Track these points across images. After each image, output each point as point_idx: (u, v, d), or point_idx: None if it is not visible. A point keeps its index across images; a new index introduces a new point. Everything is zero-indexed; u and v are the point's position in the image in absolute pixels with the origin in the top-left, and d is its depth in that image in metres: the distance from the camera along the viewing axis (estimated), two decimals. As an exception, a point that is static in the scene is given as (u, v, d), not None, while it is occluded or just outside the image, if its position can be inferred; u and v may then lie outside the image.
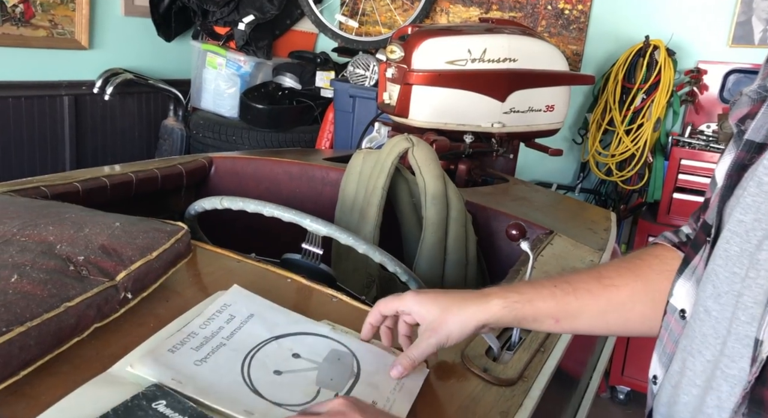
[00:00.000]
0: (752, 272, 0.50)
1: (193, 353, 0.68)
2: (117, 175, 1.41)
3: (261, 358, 0.69)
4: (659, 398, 0.63)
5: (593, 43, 2.60)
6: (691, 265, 0.62)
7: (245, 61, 2.84)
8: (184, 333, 0.70)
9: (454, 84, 1.90)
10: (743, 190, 0.54)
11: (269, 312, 0.78)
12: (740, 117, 0.60)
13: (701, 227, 0.62)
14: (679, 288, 0.63)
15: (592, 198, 2.62)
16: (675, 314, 0.63)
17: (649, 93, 2.31)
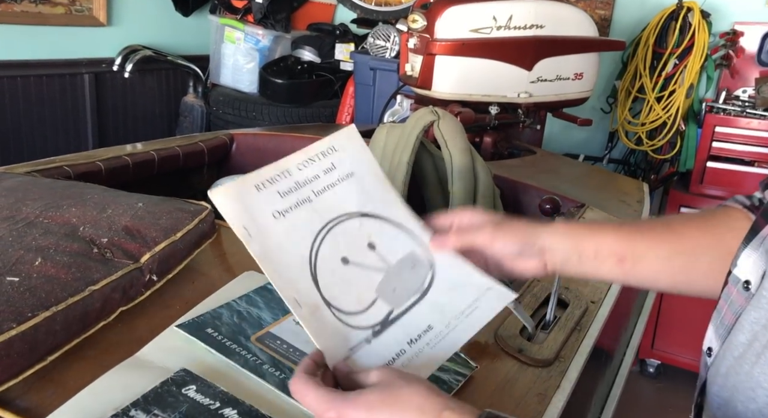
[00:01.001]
0: None
1: (277, 198, 0.59)
2: (139, 154, 1.40)
3: (337, 234, 0.61)
4: (716, 370, 0.60)
5: (622, 7, 2.50)
6: (760, 235, 0.59)
7: (263, 35, 2.79)
8: (278, 168, 0.61)
9: (479, 53, 1.84)
10: None
11: (370, 178, 0.66)
12: None
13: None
14: (745, 258, 0.60)
15: (620, 169, 2.56)
16: (738, 285, 0.60)
17: (682, 58, 2.22)
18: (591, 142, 2.66)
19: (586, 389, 0.95)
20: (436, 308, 0.61)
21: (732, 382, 0.57)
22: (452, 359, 0.73)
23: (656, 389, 2.37)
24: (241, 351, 0.66)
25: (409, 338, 0.59)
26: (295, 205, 0.60)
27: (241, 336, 0.68)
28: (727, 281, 0.62)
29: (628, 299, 1.27)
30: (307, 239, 0.59)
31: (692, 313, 2.09)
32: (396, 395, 0.49)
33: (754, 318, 0.56)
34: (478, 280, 0.65)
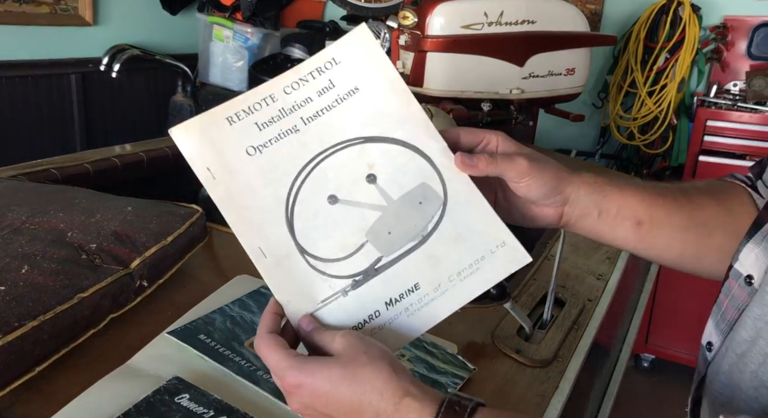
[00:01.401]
0: None
1: (254, 130, 0.51)
2: (128, 155, 1.38)
3: (327, 169, 0.51)
4: (717, 366, 0.59)
5: (613, 2, 2.50)
6: (763, 229, 0.58)
7: (252, 33, 2.76)
8: (259, 94, 0.53)
9: (471, 49, 1.83)
10: None
11: (382, 90, 0.54)
12: None
13: None
14: (747, 253, 0.58)
15: (613, 164, 2.55)
16: (740, 279, 0.58)
17: (673, 52, 2.22)
18: (583, 137, 2.65)
19: (584, 387, 0.95)
20: (431, 262, 0.52)
21: (735, 380, 0.56)
22: (450, 362, 0.72)
23: (651, 383, 2.38)
24: (234, 357, 0.64)
25: (389, 297, 0.51)
26: (277, 138, 0.51)
27: (235, 342, 0.66)
28: (728, 275, 0.61)
29: (624, 296, 1.27)
30: (288, 176, 0.51)
31: (685, 307, 2.10)
32: (358, 374, 0.46)
33: (757, 315, 0.55)
34: (494, 230, 0.54)
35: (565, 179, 0.60)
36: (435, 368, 0.70)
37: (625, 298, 1.32)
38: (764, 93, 2.06)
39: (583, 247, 1.16)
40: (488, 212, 0.54)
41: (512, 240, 0.54)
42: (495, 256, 0.53)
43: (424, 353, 0.72)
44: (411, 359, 0.71)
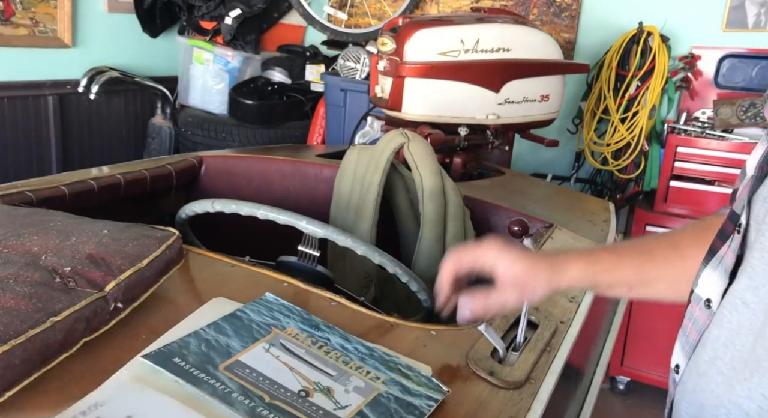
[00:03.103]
0: None
1: None
2: (105, 178, 1.37)
3: None
4: (684, 387, 0.62)
5: (586, 31, 2.57)
6: (717, 255, 0.61)
7: (233, 56, 2.79)
8: None
9: (448, 75, 1.87)
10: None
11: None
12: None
13: (729, 217, 0.62)
14: (705, 278, 0.62)
15: (587, 188, 2.60)
16: (700, 303, 0.62)
17: (644, 80, 2.29)
18: (559, 161, 2.71)
19: (557, 409, 0.96)
20: None
21: (699, 399, 0.59)
22: (424, 384, 0.73)
23: (626, 405, 2.40)
24: (209, 380, 0.64)
25: None
26: None
27: (210, 365, 0.66)
28: (690, 299, 0.64)
29: (597, 318, 1.29)
30: None
31: (660, 330, 2.13)
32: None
33: (715, 336, 0.58)
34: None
35: (557, 278, 0.71)
36: (409, 390, 0.71)
37: (599, 320, 1.33)
38: (731, 121, 2.13)
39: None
40: None
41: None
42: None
43: (399, 375, 0.73)
44: (386, 381, 0.71)
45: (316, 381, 0.68)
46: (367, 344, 0.77)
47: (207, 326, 0.73)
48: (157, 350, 0.66)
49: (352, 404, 0.67)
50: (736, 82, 2.29)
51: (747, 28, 2.26)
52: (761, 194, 0.56)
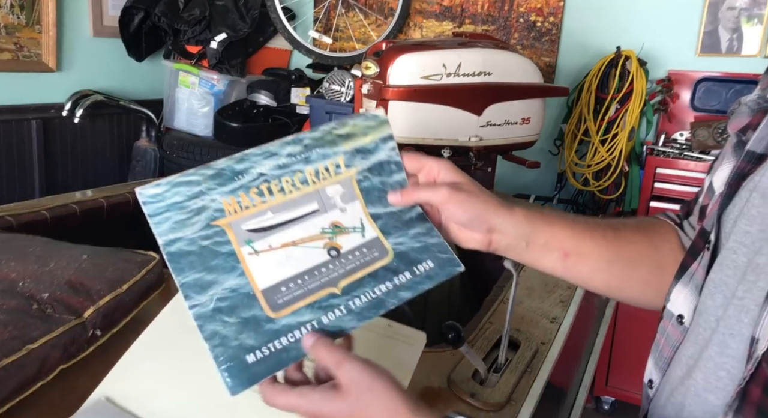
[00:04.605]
0: (752, 275, 0.52)
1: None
2: (87, 202, 1.37)
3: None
4: (657, 402, 0.63)
5: (566, 55, 2.63)
6: (689, 271, 0.63)
7: (218, 80, 2.80)
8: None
9: (431, 99, 1.90)
10: (745, 201, 0.55)
11: None
12: (741, 127, 0.61)
13: (699, 234, 0.63)
14: (677, 294, 0.63)
15: (570, 208, 2.63)
16: (672, 319, 0.63)
17: (623, 103, 2.34)
18: (541, 182, 2.74)
19: (539, 431, 0.96)
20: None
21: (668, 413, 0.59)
22: (367, 130, 0.67)
23: (612, 425, 2.40)
24: (288, 339, 0.57)
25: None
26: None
27: (252, 328, 0.57)
28: (662, 315, 0.65)
29: (579, 338, 1.30)
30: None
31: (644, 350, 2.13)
32: (365, 414, 0.51)
33: (690, 352, 0.58)
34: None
35: (492, 211, 0.64)
36: (365, 149, 0.66)
37: (581, 340, 1.34)
38: (708, 143, 2.18)
39: (537, 290, 1.20)
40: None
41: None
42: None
43: (344, 141, 0.66)
44: (345, 161, 0.65)
45: (320, 230, 0.61)
46: (288, 140, 0.64)
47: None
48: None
49: (359, 213, 0.62)
50: (712, 105, 2.34)
51: (720, 52, 2.32)
52: (731, 213, 0.57)
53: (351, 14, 3.06)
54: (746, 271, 0.52)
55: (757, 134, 0.56)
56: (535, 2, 2.64)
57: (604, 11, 2.51)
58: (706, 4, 2.31)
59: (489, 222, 0.65)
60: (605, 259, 0.70)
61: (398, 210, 0.64)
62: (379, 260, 0.61)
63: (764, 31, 2.23)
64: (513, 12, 2.71)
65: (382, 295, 0.59)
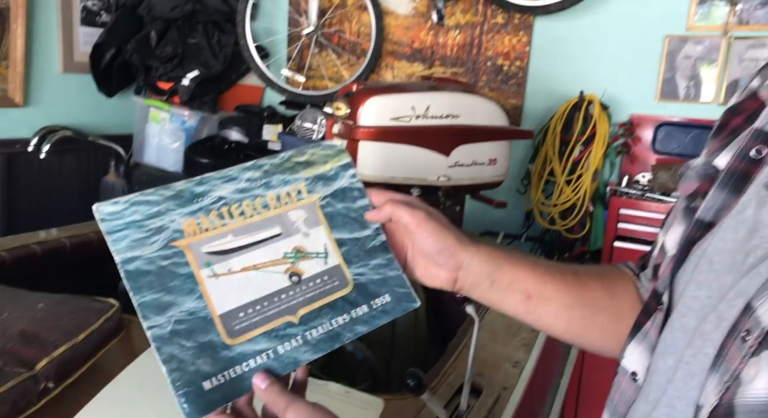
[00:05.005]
0: (699, 341, 0.52)
1: None
2: (49, 242, 1.35)
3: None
4: None
5: (532, 98, 2.71)
6: (642, 330, 0.64)
7: (190, 116, 2.81)
8: None
9: (400, 139, 1.93)
10: (695, 266, 0.57)
11: None
12: (690, 192, 0.63)
13: (652, 294, 0.64)
14: (631, 351, 0.64)
15: (537, 246, 2.67)
16: (626, 375, 0.64)
17: (587, 145, 2.40)
18: (510, 220, 2.78)
19: (502, 478, 0.96)
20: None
21: None
22: (327, 158, 0.68)
23: (581, 466, 2.39)
24: (239, 365, 0.56)
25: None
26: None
27: (211, 355, 0.57)
28: (616, 371, 0.66)
29: (543, 380, 1.31)
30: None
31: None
32: None
33: (643, 411, 0.59)
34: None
35: (460, 246, 0.65)
36: (326, 176, 0.67)
37: (545, 383, 1.35)
38: (668, 185, 2.25)
39: (501, 334, 1.21)
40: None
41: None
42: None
43: (305, 169, 0.67)
44: (307, 186, 0.66)
45: (282, 255, 0.60)
46: (247, 165, 0.63)
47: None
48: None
49: (323, 239, 0.62)
50: (672, 148, 2.43)
51: (678, 98, 2.42)
52: (682, 277, 0.58)
53: (324, 54, 3.11)
54: (694, 336, 0.54)
55: (706, 203, 0.58)
56: (502, 47, 2.73)
57: (567, 57, 2.61)
58: (664, 52, 2.41)
59: (457, 257, 0.65)
60: (566, 303, 0.71)
61: (363, 237, 0.64)
62: (339, 290, 0.61)
63: (719, 79, 2.34)
64: (481, 55, 2.79)
65: (338, 327, 0.59)
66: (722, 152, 0.61)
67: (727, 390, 0.46)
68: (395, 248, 0.67)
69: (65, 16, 2.66)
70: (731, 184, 0.57)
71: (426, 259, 0.67)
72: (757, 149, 0.56)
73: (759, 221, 0.51)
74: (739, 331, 0.47)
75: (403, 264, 0.67)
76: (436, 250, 0.65)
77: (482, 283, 0.68)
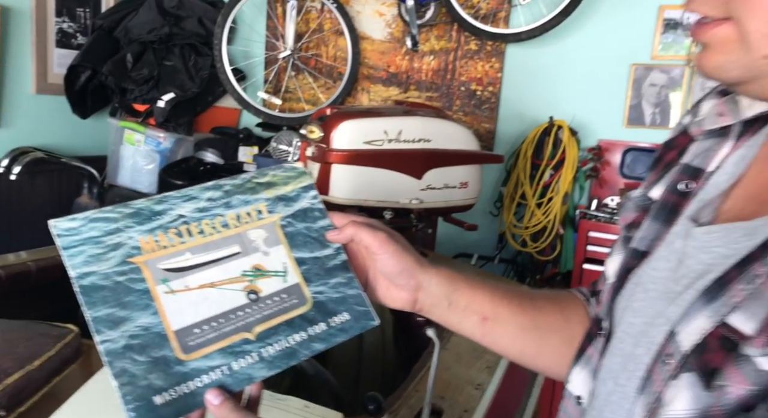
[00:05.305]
0: (631, 365, 0.55)
1: None
2: (14, 266, 1.34)
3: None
4: None
5: (504, 122, 2.76)
6: (586, 355, 0.66)
7: (165, 138, 2.81)
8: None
9: (373, 163, 1.96)
10: (631, 294, 0.59)
11: None
12: (628, 222, 0.66)
13: (594, 320, 0.67)
14: (576, 375, 0.66)
15: (510, 268, 2.70)
16: (571, 399, 0.66)
17: (557, 169, 2.45)
18: (483, 242, 2.81)
19: None
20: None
21: None
22: (288, 180, 0.69)
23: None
24: (194, 380, 0.56)
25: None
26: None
27: (169, 367, 0.57)
28: (563, 394, 0.69)
29: (507, 403, 1.32)
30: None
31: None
32: None
33: None
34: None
35: (420, 267, 0.67)
36: (287, 197, 0.67)
37: (510, 406, 1.36)
38: (635, 207, 2.30)
39: (465, 356, 1.22)
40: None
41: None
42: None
43: (265, 189, 0.67)
44: (268, 206, 0.66)
45: (241, 273, 0.61)
46: (208, 185, 0.65)
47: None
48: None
49: (282, 258, 0.63)
50: (640, 172, 2.49)
51: (645, 125, 2.49)
52: (620, 303, 0.61)
53: (301, 77, 3.15)
54: (628, 360, 0.56)
55: (640, 233, 0.61)
56: (475, 72, 2.79)
57: (538, 83, 2.67)
58: (630, 80, 2.49)
59: (417, 278, 0.67)
60: (520, 326, 0.72)
61: (323, 256, 0.65)
62: (297, 308, 0.62)
63: (683, 106, 2.41)
64: (455, 81, 2.84)
65: (295, 344, 0.60)
66: (657, 185, 0.64)
67: (652, 412, 0.49)
68: (357, 269, 0.69)
69: (39, 38, 2.66)
70: (663, 215, 0.60)
71: (387, 280, 0.69)
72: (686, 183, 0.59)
73: (685, 252, 0.54)
74: (663, 355, 0.50)
75: (365, 285, 0.69)
76: (396, 271, 0.66)
77: (441, 304, 0.70)
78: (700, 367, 0.45)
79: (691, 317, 0.48)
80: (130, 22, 2.76)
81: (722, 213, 0.55)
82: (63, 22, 2.73)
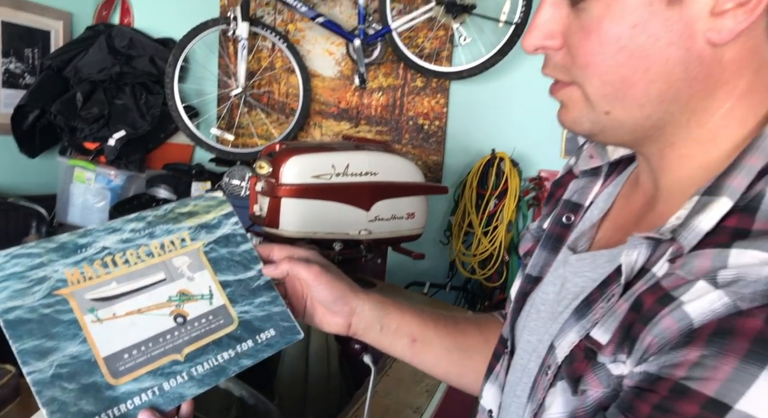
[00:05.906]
0: (526, 378, 0.61)
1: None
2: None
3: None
4: None
5: (451, 155, 2.87)
6: (494, 371, 0.72)
7: (116, 175, 2.81)
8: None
9: (321, 196, 2.02)
10: (527, 314, 0.66)
11: None
12: (526, 251, 0.74)
13: (500, 339, 0.73)
14: (487, 391, 0.72)
15: (461, 295, 2.77)
16: (485, 414, 0.72)
17: (500, 198, 2.56)
18: (435, 270, 2.88)
19: None
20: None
21: None
22: (209, 208, 0.73)
23: None
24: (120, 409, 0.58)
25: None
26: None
27: (97, 396, 0.58)
28: (477, 409, 0.75)
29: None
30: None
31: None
32: None
33: None
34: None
35: (353, 293, 0.75)
36: (209, 225, 0.71)
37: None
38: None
39: (406, 380, 1.27)
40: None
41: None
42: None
43: (188, 219, 0.71)
44: (191, 234, 0.70)
45: (167, 298, 0.63)
46: (131, 217, 0.68)
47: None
48: None
49: (207, 282, 0.66)
50: (578, 199, 2.62)
51: (580, 154, 2.62)
52: (520, 323, 0.68)
53: (253, 113, 3.20)
54: (523, 373, 0.63)
55: (532, 261, 0.69)
56: (422, 107, 2.90)
57: (480, 118, 2.80)
58: (565, 112, 2.63)
59: (350, 304, 0.74)
60: (445, 347, 0.80)
61: (247, 278, 0.70)
62: (224, 328, 0.66)
63: (614, 136, 2.56)
64: (403, 115, 2.95)
65: (224, 362, 0.63)
66: (548, 218, 0.73)
67: (536, 416, 0.55)
68: (295, 297, 0.75)
69: (-14, 78, 2.66)
70: (549, 244, 0.68)
71: (323, 307, 0.76)
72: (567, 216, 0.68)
73: (565, 277, 0.62)
74: (545, 367, 0.57)
75: (303, 311, 0.76)
76: (331, 299, 0.73)
77: (373, 327, 0.77)
78: (569, 375, 0.52)
79: (565, 332, 0.55)
80: (80, 62, 2.78)
81: (595, 242, 0.63)
82: (10, 63, 2.74)
